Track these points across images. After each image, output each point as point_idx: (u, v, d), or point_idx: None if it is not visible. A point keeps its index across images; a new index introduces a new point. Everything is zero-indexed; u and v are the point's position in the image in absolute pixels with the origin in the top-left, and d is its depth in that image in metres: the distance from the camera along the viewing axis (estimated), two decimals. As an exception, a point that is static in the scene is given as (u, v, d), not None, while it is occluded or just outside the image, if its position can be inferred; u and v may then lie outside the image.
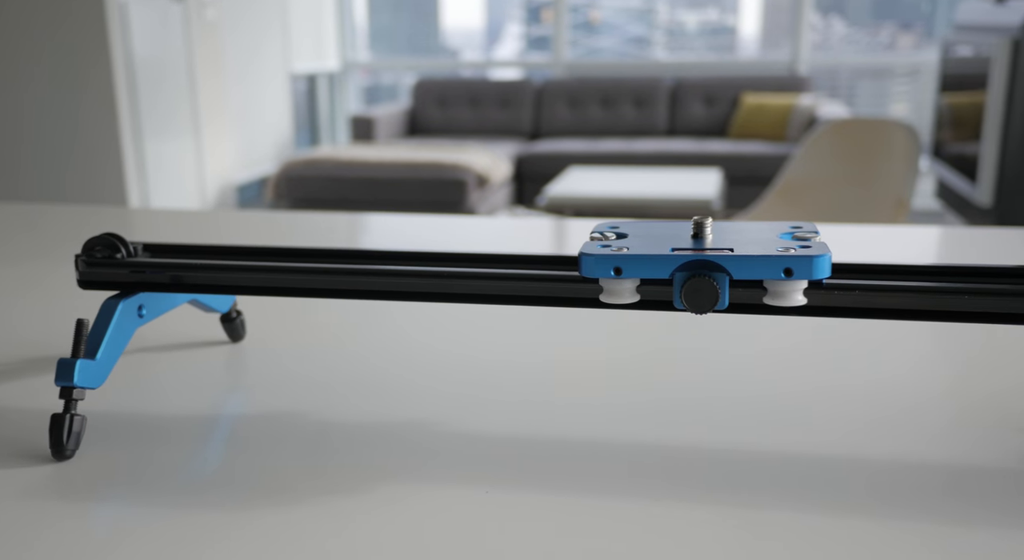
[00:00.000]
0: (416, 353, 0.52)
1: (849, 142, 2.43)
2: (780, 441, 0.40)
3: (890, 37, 4.91)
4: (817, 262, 0.33)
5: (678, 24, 5.19)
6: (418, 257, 0.44)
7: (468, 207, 3.65)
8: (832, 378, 0.48)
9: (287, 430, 0.42)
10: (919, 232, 0.95)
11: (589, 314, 0.56)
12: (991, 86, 2.48)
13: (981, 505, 0.35)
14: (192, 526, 0.34)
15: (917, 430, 0.41)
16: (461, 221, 1.04)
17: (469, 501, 0.35)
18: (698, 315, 0.34)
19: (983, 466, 0.38)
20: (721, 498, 0.35)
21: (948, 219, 3.10)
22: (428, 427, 0.42)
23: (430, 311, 0.59)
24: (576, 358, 0.51)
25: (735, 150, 4.08)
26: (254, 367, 0.51)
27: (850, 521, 0.34)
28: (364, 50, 5.39)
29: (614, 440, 0.40)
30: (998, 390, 0.46)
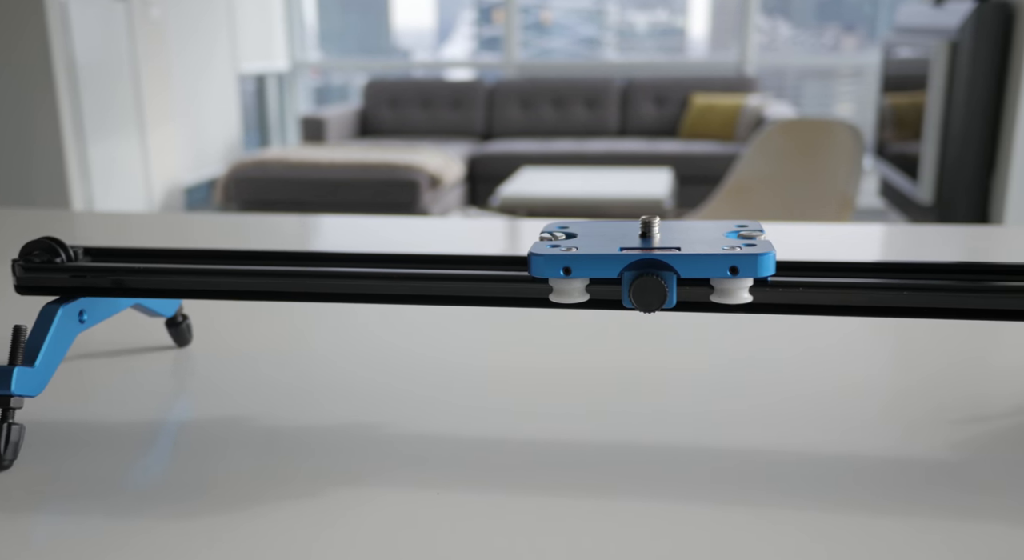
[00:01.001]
0: (367, 355, 0.52)
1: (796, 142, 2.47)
2: (720, 436, 0.41)
3: (834, 39, 5.02)
4: (762, 260, 0.34)
5: (628, 25, 5.23)
6: (368, 259, 0.44)
7: (421, 208, 3.64)
8: (777, 374, 0.48)
9: (235, 436, 0.41)
10: (863, 230, 0.97)
11: (542, 314, 0.57)
12: (930, 87, 2.55)
13: (916, 495, 0.35)
14: (136, 536, 0.33)
15: (858, 423, 0.42)
16: (414, 222, 1.04)
17: (421, 503, 0.35)
18: (646, 314, 0.35)
19: (919, 457, 0.38)
20: (667, 494, 0.36)
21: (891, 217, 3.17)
22: (378, 430, 0.42)
23: (381, 313, 0.58)
24: (527, 359, 0.51)
25: (685, 150, 4.13)
26: (201, 372, 0.50)
27: (788, 513, 0.34)
28: (314, 50, 5.33)
29: (565, 440, 0.41)
30: (935, 382, 0.47)
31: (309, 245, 0.87)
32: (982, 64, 2.42)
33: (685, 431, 0.41)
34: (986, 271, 0.39)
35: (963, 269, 0.39)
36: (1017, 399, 0.44)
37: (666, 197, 2.97)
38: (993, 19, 2.39)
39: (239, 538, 0.33)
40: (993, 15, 2.39)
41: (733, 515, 0.34)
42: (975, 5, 2.41)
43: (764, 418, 0.43)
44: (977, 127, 2.46)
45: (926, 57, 2.61)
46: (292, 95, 5.16)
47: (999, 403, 0.44)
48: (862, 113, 4.58)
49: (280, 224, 0.96)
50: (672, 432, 0.41)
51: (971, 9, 2.41)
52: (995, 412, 0.43)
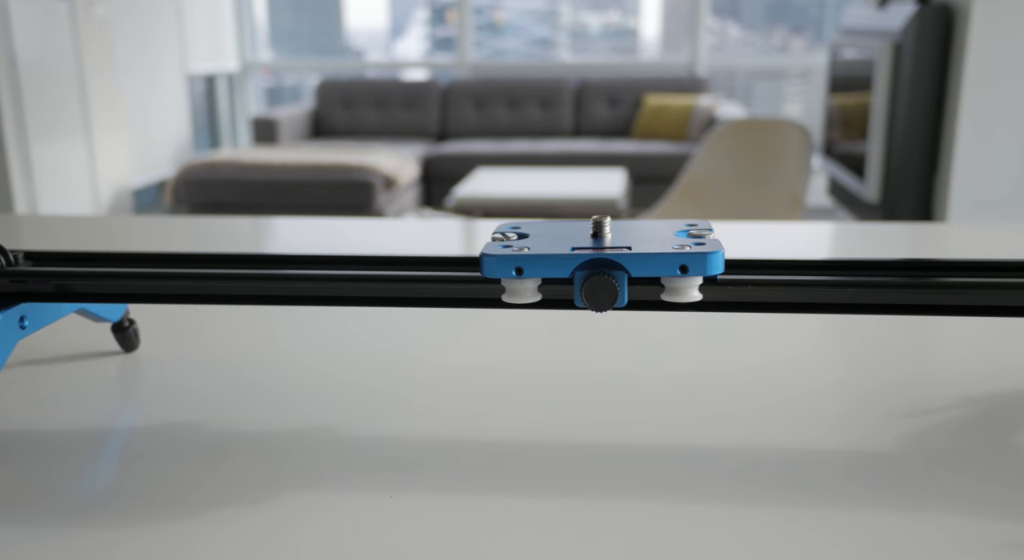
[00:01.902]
0: (318, 358, 0.51)
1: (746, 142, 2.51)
2: (675, 433, 0.41)
3: (783, 40, 5.10)
4: (711, 258, 0.34)
5: (581, 26, 5.26)
6: (320, 261, 0.44)
7: (376, 209, 3.62)
8: (726, 371, 0.49)
9: (184, 443, 0.41)
10: (812, 228, 0.99)
11: (494, 314, 0.57)
12: (875, 88, 2.60)
13: (861, 488, 0.36)
14: (84, 545, 0.32)
15: (805, 417, 0.43)
16: (368, 223, 1.03)
17: (373, 506, 0.35)
18: (598, 313, 0.35)
19: (865, 451, 0.39)
20: (627, 494, 0.36)
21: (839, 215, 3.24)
22: (330, 433, 0.41)
23: (332, 316, 0.58)
24: (483, 359, 0.51)
25: (639, 150, 4.17)
26: (149, 378, 0.49)
27: (744, 508, 0.35)
28: (265, 50, 5.27)
29: (522, 440, 0.41)
30: (881, 377, 0.48)
31: (261, 247, 0.86)
32: (924, 65, 2.48)
33: (639, 430, 0.42)
34: (929, 267, 0.40)
35: (907, 266, 0.40)
36: (960, 391, 0.46)
37: (620, 197, 2.99)
38: (934, 21, 2.45)
39: (190, 545, 0.32)
40: (934, 17, 2.45)
41: (690, 512, 0.35)
42: (917, 7, 2.46)
43: (713, 415, 0.43)
44: (920, 127, 2.52)
45: (871, 58, 2.66)
46: (243, 96, 5.09)
47: (943, 396, 0.45)
48: (811, 113, 4.66)
49: (231, 226, 0.95)
50: (627, 431, 0.42)
51: (913, 11, 2.47)
52: (939, 405, 0.44)
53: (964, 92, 2.39)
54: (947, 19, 2.46)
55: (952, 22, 2.45)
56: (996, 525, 0.33)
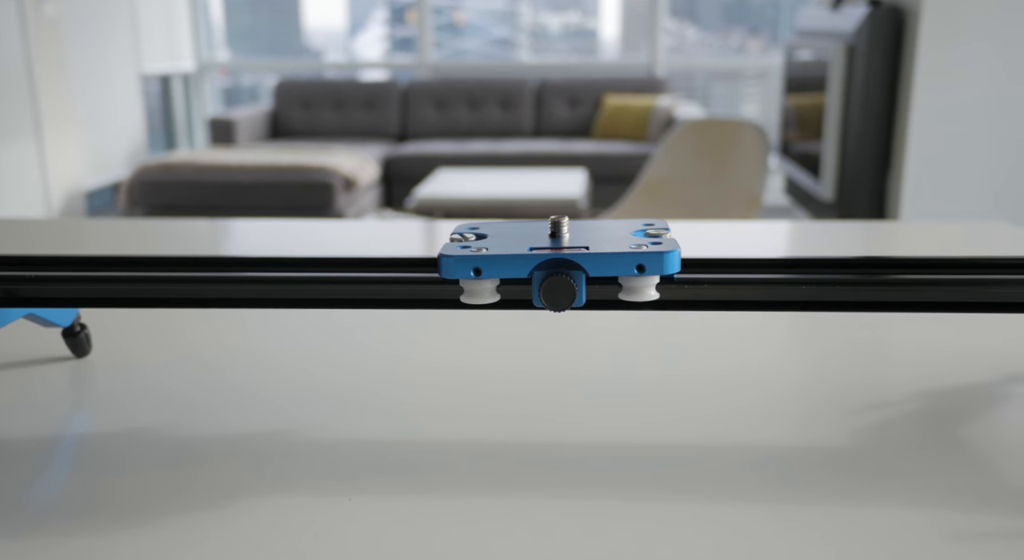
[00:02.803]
0: (274, 362, 0.51)
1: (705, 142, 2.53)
2: (627, 432, 0.41)
3: (739, 41, 5.17)
4: (667, 258, 0.34)
5: (541, 27, 5.27)
6: (276, 263, 0.43)
7: (336, 211, 3.59)
8: (685, 369, 0.50)
9: (138, 449, 0.40)
10: (769, 226, 1.00)
11: (453, 315, 0.57)
12: (829, 88, 2.65)
13: (817, 483, 0.37)
14: (36, 555, 0.32)
15: (761, 414, 0.43)
16: (328, 225, 1.02)
17: (331, 509, 0.35)
18: (557, 313, 0.35)
19: (820, 446, 0.40)
20: (580, 492, 0.36)
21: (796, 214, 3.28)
22: (286, 436, 0.41)
23: (289, 318, 0.57)
24: (440, 360, 0.51)
25: (599, 150, 4.19)
26: (101, 384, 0.48)
27: (696, 506, 0.35)
28: (222, 50, 5.20)
29: (479, 441, 0.41)
30: (835, 373, 0.49)
31: (219, 250, 0.84)
32: (876, 66, 2.52)
33: (594, 427, 0.42)
34: (883, 265, 0.41)
35: (862, 263, 0.41)
36: (911, 386, 0.46)
37: (581, 197, 3.00)
38: (885, 23, 2.50)
39: (143, 553, 0.32)
40: (885, 19, 2.50)
41: (644, 509, 0.35)
42: (869, 10, 2.51)
43: (670, 415, 0.43)
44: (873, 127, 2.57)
45: (825, 59, 2.71)
46: (199, 96, 5.02)
47: (895, 391, 0.46)
48: (767, 113, 4.73)
49: (188, 228, 0.94)
50: (583, 429, 0.42)
51: (865, 13, 2.51)
52: (892, 400, 0.45)
53: (915, 92, 2.44)
54: (898, 21, 2.51)
55: (903, 23, 2.50)
56: (947, 516, 0.34)
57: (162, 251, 0.79)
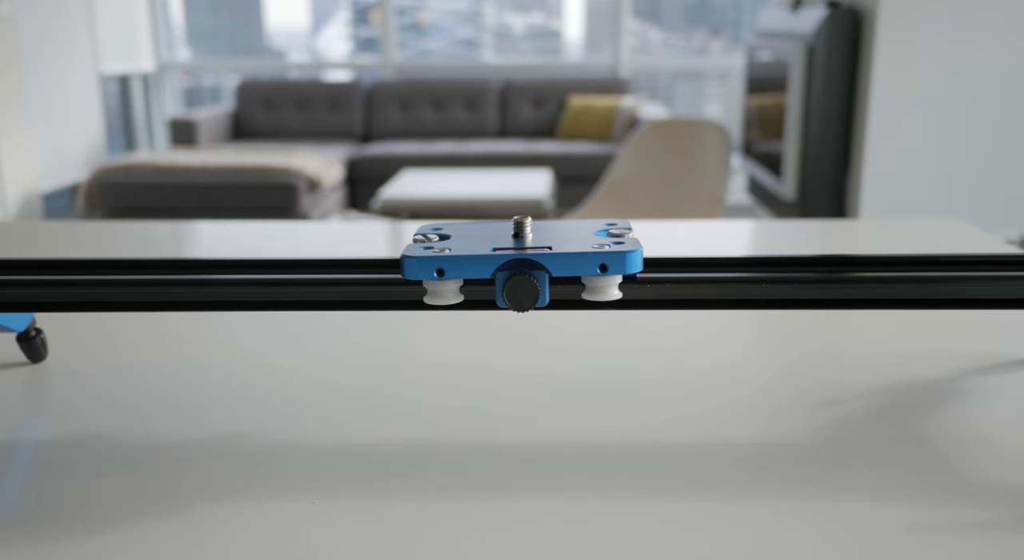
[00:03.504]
0: (236, 365, 0.50)
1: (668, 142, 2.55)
2: (595, 430, 0.41)
3: (702, 42, 5.21)
4: (630, 257, 0.34)
5: (505, 27, 5.28)
6: (237, 265, 0.43)
7: (300, 212, 3.56)
8: (649, 367, 0.50)
9: (96, 455, 0.39)
10: (731, 226, 1.01)
11: (418, 316, 0.56)
12: (790, 89, 2.68)
13: (780, 479, 0.37)
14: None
15: (724, 411, 0.44)
16: (292, 227, 1.02)
17: (294, 513, 0.34)
18: (520, 313, 0.35)
19: (782, 442, 0.40)
20: (548, 491, 0.36)
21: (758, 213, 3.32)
22: (248, 441, 0.40)
23: (250, 321, 0.57)
24: (405, 362, 0.51)
25: (564, 150, 4.20)
26: (58, 389, 0.47)
27: (664, 504, 0.35)
28: (182, 50, 5.13)
29: (445, 442, 0.40)
30: (796, 370, 0.50)
31: (181, 253, 0.83)
32: (835, 67, 2.56)
33: (560, 426, 0.42)
34: (842, 263, 0.42)
35: (821, 262, 0.41)
36: (871, 381, 0.47)
37: (546, 197, 3.01)
38: (844, 24, 2.54)
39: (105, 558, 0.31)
40: (843, 20, 2.54)
41: (613, 506, 0.35)
42: (827, 11, 2.55)
43: (637, 412, 0.44)
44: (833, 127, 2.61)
45: (785, 60, 2.74)
46: (159, 97, 4.95)
47: (855, 386, 0.47)
48: (730, 113, 4.77)
49: (148, 231, 0.92)
50: (549, 428, 0.42)
51: (824, 15, 2.55)
52: (852, 395, 0.46)
53: (872, 93, 2.48)
54: (855, 22, 2.55)
55: (860, 25, 2.55)
56: (905, 509, 0.35)
57: (122, 254, 0.78)
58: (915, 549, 0.32)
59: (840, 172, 2.65)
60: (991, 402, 0.45)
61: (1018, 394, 0.46)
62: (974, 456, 0.39)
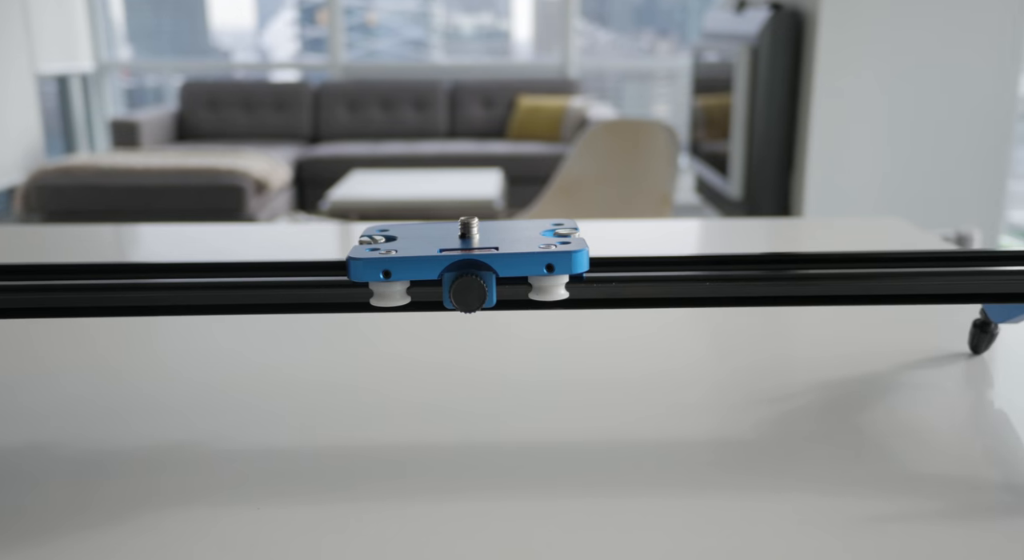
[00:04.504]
0: (176, 370, 0.49)
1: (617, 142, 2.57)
2: (544, 429, 0.42)
3: (649, 43, 5.27)
4: (576, 257, 0.35)
5: (454, 27, 5.27)
6: (180, 269, 0.42)
7: (247, 214, 3.51)
8: (598, 365, 0.50)
9: (33, 465, 0.38)
10: (679, 225, 1.03)
11: (364, 318, 0.56)
12: (735, 89, 2.72)
13: (723, 474, 0.38)
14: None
15: (674, 409, 0.44)
16: (238, 229, 1.00)
17: (240, 519, 0.34)
18: (467, 314, 0.35)
19: (725, 438, 0.41)
20: (502, 492, 0.36)
21: (706, 212, 3.37)
22: (192, 448, 0.40)
23: (192, 325, 0.56)
24: (347, 363, 0.51)
25: (514, 151, 4.21)
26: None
27: (611, 501, 0.36)
28: (123, 49, 5.02)
29: (393, 444, 0.40)
30: (741, 366, 0.50)
31: (124, 256, 0.81)
32: (779, 68, 2.61)
33: (514, 426, 0.42)
34: (786, 261, 0.42)
35: (766, 260, 0.42)
36: (815, 377, 0.48)
37: (496, 197, 3.01)
38: (786, 26, 2.59)
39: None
40: (786, 22, 2.59)
41: (564, 505, 0.35)
42: (770, 13, 2.59)
43: (582, 411, 0.44)
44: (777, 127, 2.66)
45: (730, 61, 2.78)
46: (99, 97, 4.83)
47: (800, 382, 0.48)
48: (677, 114, 4.83)
49: (90, 234, 0.90)
50: (501, 428, 0.42)
51: (767, 17, 2.60)
52: (796, 390, 0.46)
53: (814, 93, 2.53)
54: (798, 24, 2.60)
55: (802, 26, 2.60)
56: (846, 501, 0.35)
57: (62, 258, 0.76)
58: (857, 540, 0.33)
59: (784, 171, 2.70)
60: (929, 395, 0.46)
61: (955, 386, 0.48)
62: (913, 448, 0.40)
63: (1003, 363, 0.51)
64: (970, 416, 0.44)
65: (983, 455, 0.39)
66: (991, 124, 2.53)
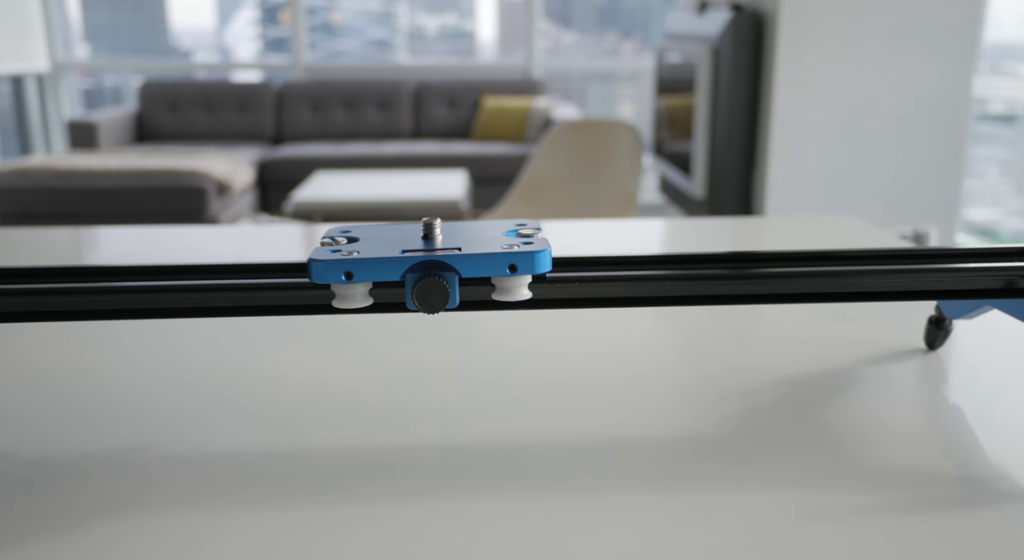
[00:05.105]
0: (137, 375, 0.49)
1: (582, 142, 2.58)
2: (510, 429, 0.42)
3: (613, 44, 5.30)
4: (538, 257, 0.35)
5: (418, 28, 5.25)
6: (139, 272, 0.41)
7: (209, 216, 3.47)
8: (566, 365, 0.50)
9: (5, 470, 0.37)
10: (643, 224, 1.03)
11: (328, 320, 0.56)
12: (697, 90, 2.75)
13: (687, 471, 0.38)
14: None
15: (638, 407, 0.45)
16: (201, 231, 0.99)
17: (195, 526, 0.33)
18: (431, 315, 0.35)
19: (694, 435, 0.41)
20: (468, 492, 0.36)
21: (670, 211, 3.39)
22: (145, 452, 0.39)
23: (157, 329, 0.55)
24: (311, 365, 0.50)
25: (479, 151, 4.21)
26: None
27: (575, 498, 0.36)
28: (81, 49, 4.93)
29: (351, 447, 0.40)
30: (705, 364, 0.51)
31: (82, 259, 0.80)
32: (740, 69, 2.64)
33: (480, 426, 0.42)
34: (747, 259, 0.43)
35: (727, 258, 0.42)
36: (775, 373, 0.49)
37: (462, 198, 3.01)
38: (747, 27, 2.62)
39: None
40: (747, 23, 2.62)
41: (528, 503, 0.35)
42: (731, 14, 2.62)
43: (546, 410, 0.44)
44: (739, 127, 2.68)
45: (692, 62, 2.81)
46: (56, 98, 4.75)
47: (760, 379, 0.48)
48: (641, 114, 4.86)
49: (46, 237, 0.88)
50: (468, 428, 0.42)
51: (728, 18, 2.62)
52: (757, 387, 0.47)
53: (775, 93, 2.56)
54: (758, 25, 2.63)
55: (763, 27, 2.63)
56: (806, 495, 0.36)
57: (17, 262, 0.74)
58: (817, 533, 0.33)
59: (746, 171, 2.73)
60: (886, 390, 0.47)
61: (911, 382, 0.49)
62: (871, 442, 0.41)
63: (958, 358, 0.52)
64: (926, 411, 0.45)
65: (939, 449, 0.40)
66: (947, 124, 2.58)
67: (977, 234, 3.70)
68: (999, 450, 0.40)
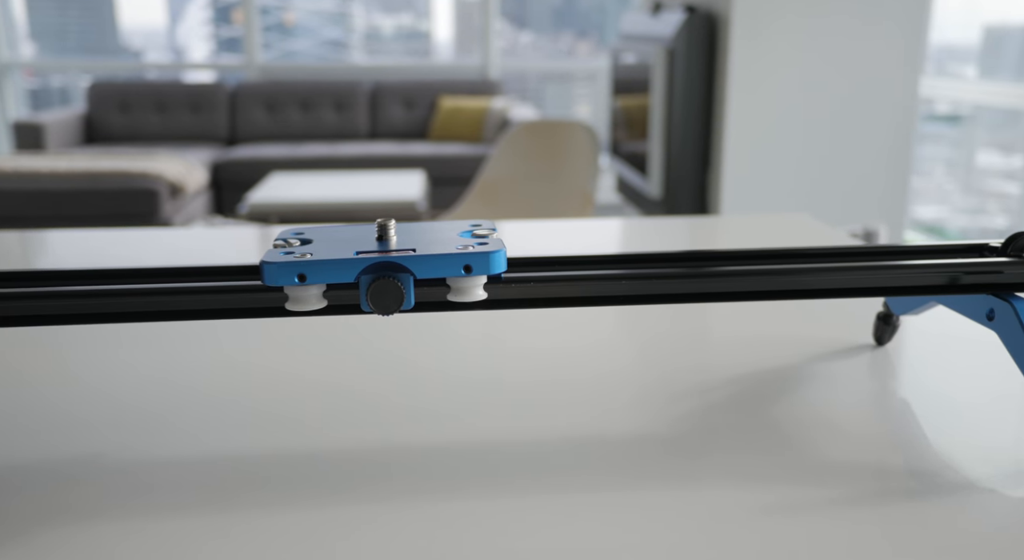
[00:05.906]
0: (86, 381, 0.48)
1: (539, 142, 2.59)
2: (469, 428, 0.42)
3: (569, 45, 5.32)
4: (493, 258, 0.35)
5: (374, 28, 5.22)
6: (89, 275, 0.40)
7: (162, 218, 3.41)
8: (523, 365, 0.51)
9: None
10: (600, 224, 1.04)
11: (281, 322, 0.55)
12: (653, 90, 2.77)
13: (643, 469, 0.38)
14: None
15: (594, 406, 0.45)
16: (152, 234, 0.97)
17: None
18: (385, 316, 0.35)
19: (649, 433, 0.42)
20: (430, 493, 0.36)
21: (627, 211, 3.42)
22: (97, 460, 0.38)
23: (102, 333, 0.54)
24: (265, 367, 0.50)
25: (436, 152, 4.19)
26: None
27: (536, 497, 0.36)
28: (26, 47, 4.82)
29: (303, 452, 0.40)
30: (665, 364, 0.51)
31: (30, 264, 0.78)
32: (694, 69, 2.67)
33: (438, 426, 0.42)
34: (700, 258, 0.43)
35: (681, 257, 0.43)
36: (729, 370, 0.49)
37: (419, 199, 3.00)
38: (700, 28, 2.65)
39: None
40: (700, 24, 2.65)
41: (494, 502, 0.35)
42: (685, 15, 2.65)
43: (506, 410, 0.44)
44: (694, 127, 2.71)
45: (647, 62, 2.83)
46: (0, 98, 4.63)
47: (714, 378, 0.49)
48: (598, 114, 4.89)
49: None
50: (427, 428, 0.42)
51: (682, 19, 2.65)
52: (711, 385, 0.48)
53: (729, 94, 2.60)
54: (712, 26, 2.66)
55: (716, 28, 2.66)
56: (759, 490, 0.36)
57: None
58: (769, 527, 0.34)
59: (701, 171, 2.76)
60: (836, 386, 0.48)
61: (860, 377, 0.50)
62: (821, 437, 0.41)
63: (905, 353, 0.53)
64: (875, 405, 0.46)
65: (888, 442, 0.41)
66: (895, 124, 2.64)
67: (925, 231, 3.78)
68: (945, 443, 0.41)
